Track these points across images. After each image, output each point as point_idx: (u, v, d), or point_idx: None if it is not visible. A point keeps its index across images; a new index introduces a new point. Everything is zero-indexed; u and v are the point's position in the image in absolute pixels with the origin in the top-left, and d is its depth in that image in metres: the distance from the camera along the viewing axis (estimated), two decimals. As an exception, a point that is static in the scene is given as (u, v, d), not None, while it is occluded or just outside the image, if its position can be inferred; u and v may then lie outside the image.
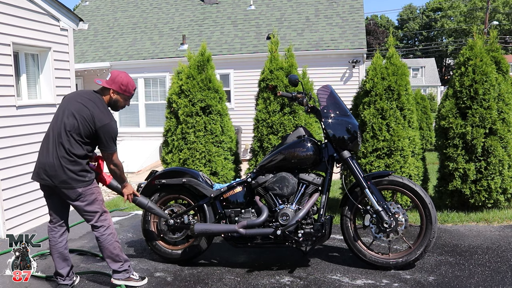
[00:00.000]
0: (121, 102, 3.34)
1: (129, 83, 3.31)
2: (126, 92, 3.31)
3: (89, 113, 3.14)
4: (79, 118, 3.14)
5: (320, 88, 3.86)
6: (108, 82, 3.27)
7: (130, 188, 3.56)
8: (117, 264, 3.39)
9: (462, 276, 3.50)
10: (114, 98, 3.29)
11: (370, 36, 35.74)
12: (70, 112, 3.17)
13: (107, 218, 3.37)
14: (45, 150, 3.20)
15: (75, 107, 3.18)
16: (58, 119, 3.21)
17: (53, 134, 3.18)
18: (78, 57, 13.24)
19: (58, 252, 3.34)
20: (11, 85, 5.01)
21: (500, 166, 4.98)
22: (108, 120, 3.17)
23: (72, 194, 3.18)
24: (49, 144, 3.18)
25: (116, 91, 3.27)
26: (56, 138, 3.15)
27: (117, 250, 3.37)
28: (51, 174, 3.14)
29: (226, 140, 5.40)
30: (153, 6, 15.65)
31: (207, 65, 5.42)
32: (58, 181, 3.14)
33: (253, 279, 3.58)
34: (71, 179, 3.14)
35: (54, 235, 3.35)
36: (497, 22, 39.04)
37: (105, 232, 3.33)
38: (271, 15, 13.86)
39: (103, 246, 3.34)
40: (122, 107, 3.38)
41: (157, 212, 3.78)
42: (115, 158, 3.31)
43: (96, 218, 3.31)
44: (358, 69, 11.76)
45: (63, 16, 5.83)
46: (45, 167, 3.16)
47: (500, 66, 5.47)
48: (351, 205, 3.72)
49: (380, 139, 5.01)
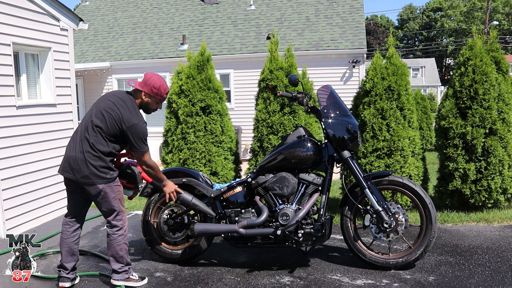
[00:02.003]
0: (153, 105, 3.36)
1: (161, 86, 3.30)
2: (157, 96, 3.31)
3: (118, 113, 3.18)
4: (107, 116, 3.18)
5: (320, 88, 3.86)
6: (141, 84, 3.29)
7: (171, 186, 3.56)
8: (119, 264, 3.40)
9: (462, 276, 3.50)
10: (145, 101, 3.31)
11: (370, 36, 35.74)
12: (100, 109, 3.22)
13: (123, 219, 3.38)
14: (72, 145, 3.25)
15: (105, 105, 3.23)
16: (87, 115, 3.27)
17: (81, 129, 3.23)
18: (78, 57, 13.24)
19: (68, 246, 3.37)
20: (11, 85, 5.01)
21: (500, 166, 4.98)
22: (137, 120, 3.19)
23: (92, 190, 3.21)
24: (76, 139, 3.23)
25: (147, 93, 3.28)
26: (83, 133, 3.19)
27: (123, 252, 3.38)
28: (75, 168, 3.18)
29: (226, 140, 5.40)
30: (153, 6, 15.65)
31: (207, 65, 5.43)
32: (80, 175, 3.17)
33: (253, 279, 3.58)
34: (93, 175, 3.16)
35: (68, 229, 3.38)
36: (497, 22, 39.02)
37: (117, 232, 3.35)
38: (271, 15, 13.87)
39: (111, 244, 3.36)
40: (154, 110, 3.39)
41: (202, 209, 3.75)
42: (148, 159, 3.31)
43: (113, 216, 3.33)
44: (358, 69, 11.77)
45: (63, 16, 5.83)
46: (69, 161, 3.20)
47: (500, 66, 5.47)
48: (351, 205, 3.71)
49: (380, 139, 5.01)
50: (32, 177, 5.23)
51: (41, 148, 5.39)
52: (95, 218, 5.51)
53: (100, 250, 4.35)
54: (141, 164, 3.34)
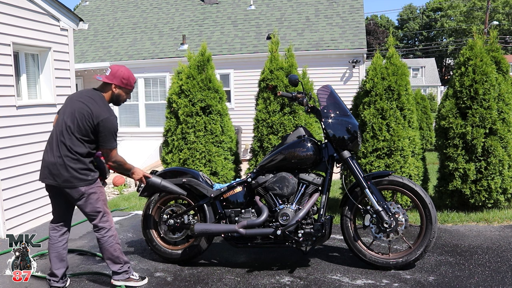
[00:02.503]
0: (123, 96, 3.38)
1: (130, 76, 3.35)
2: (128, 86, 3.35)
3: (88, 110, 3.17)
4: (79, 116, 3.16)
5: (320, 88, 3.85)
6: (109, 77, 3.29)
7: (139, 172, 3.54)
8: (117, 265, 3.39)
9: (462, 276, 3.50)
10: (116, 93, 3.32)
11: (370, 36, 35.75)
12: (71, 111, 3.21)
13: (109, 220, 3.37)
14: (49, 150, 3.23)
15: (75, 106, 3.22)
16: (60, 119, 3.25)
17: (56, 134, 3.22)
18: (78, 57, 13.24)
19: (56, 251, 3.34)
20: (11, 85, 5.01)
21: (500, 166, 4.98)
22: (108, 114, 3.18)
23: (75, 194, 3.20)
24: (52, 144, 3.21)
25: (118, 85, 3.30)
26: (59, 137, 3.18)
27: (117, 252, 3.38)
28: (54, 173, 3.16)
29: (226, 140, 5.40)
30: (153, 6, 15.65)
31: (207, 65, 5.42)
32: (61, 180, 3.16)
33: (253, 279, 3.58)
34: (74, 178, 3.15)
35: (55, 234, 3.36)
36: (497, 22, 39.02)
37: (107, 234, 3.33)
38: (271, 15, 13.87)
39: (104, 247, 3.35)
40: (124, 101, 3.42)
41: (172, 190, 3.76)
42: (116, 155, 3.28)
43: (98, 219, 3.31)
44: (358, 69, 11.77)
45: (63, 16, 5.83)
46: (49, 167, 3.19)
47: (500, 66, 5.47)
48: (351, 205, 3.71)
49: (380, 139, 5.01)
50: (32, 177, 5.23)
51: (41, 148, 5.35)
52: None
53: (100, 250, 4.34)
54: (109, 160, 3.29)
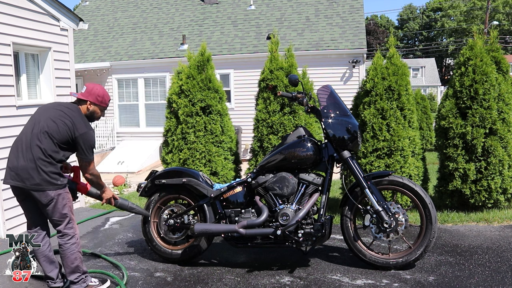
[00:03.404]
0: (98, 113, 3.43)
1: (105, 95, 3.42)
2: (102, 103, 3.41)
3: (70, 120, 3.20)
4: (60, 123, 3.18)
5: (320, 88, 3.86)
6: (84, 94, 3.35)
7: (109, 192, 3.59)
8: (75, 275, 3.31)
9: (462, 276, 3.50)
10: (91, 109, 3.38)
11: (370, 36, 35.74)
12: (50, 118, 3.21)
13: (74, 227, 3.32)
14: (16, 154, 3.17)
15: (54, 114, 3.23)
16: (35, 124, 3.21)
17: (27, 138, 3.17)
18: (78, 57, 13.24)
19: (44, 255, 3.33)
20: (11, 85, 5.01)
21: (500, 166, 4.98)
22: (87, 129, 3.24)
23: (43, 198, 3.15)
24: (22, 148, 3.16)
25: (93, 102, 3.36)
26: (33, 141, 3.13)
27: (77, 261, 3.30)
28: (24, 177, 3.12)
29: (226, 140, 5.40)
30: (153, 6, 15.65)
31: (207, 65, 5.43)
32: (30, 183, 3.12)
33: (253, 279, 3.58)
34: (44, 181, 3.12)
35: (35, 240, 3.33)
36: (497, 22, 39.01)
37: (69, 241, 3.28)
38: (271, 15, 13.86)
39: (65, 254, 3.28)
40: (98, 118, 3.47)
41: (139, 211, 3.87)
42: (92, 168, 3.33)
43: (64, 225, 3.26)
44: (358, 69, 11.76)
45: (63, 16, 5.83)
46: (17, 171, 3.14)
47: (500, 66, 5.47)
48: (351, 205, 3.71)
49: (380, 139, 5.01)
50: (32, 177, 5.23)
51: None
52: (95, 218, 5.51)
53: (100, 250, 4.35)
54: (86, 172, 3.33)
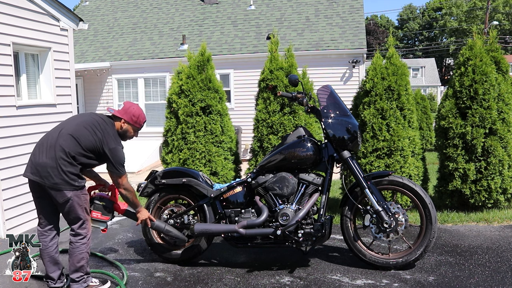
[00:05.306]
0: (131, 133, 3.42)
1: (140, 115, 3.40)
2: (136, 124, 3.40)
3: (101, 133, 3.20)
4: (90, 131, 3.19)
5: (320, 88, 3.86)
6: (120, 112, 3.35)
7: (145, 213, 3.57)
8: (78, 273, 3.32)
9: (462, 276, 3.50)
10: (124, 128, 3.37)
11: (370, 36, 35.73)
12: (82, 123, 3.22)
13: (87, 227, 3.33)
14: (40, 152, 3.18)
15: (88, 121, 3.24)
16: (65, 125, 3.24)
17: (53, 136, 3.19)
18: (78, 57, 13.24)
19: (49, 256, 3.33)
20: (11, 85, 5.01)
21: (500, 166, 4.98)
22: (117, 145, 3.25)
23: (60, 198, 3.16)
24: (45, 146, 3.17)
25: (127, 121, 3.35)
26: (58, 141, 3.14)
27: (84, 261, 3.31)
28: (43, 175, 3.13)
29: (226, 140, 5.40)
30: (153, 6, 15.64)
31: (207, 65, 5.43)
32: (49, 181, 3.12)
33: (253, 279, 3.58)
34: (62, 180, 3.12)
35: (45, 239, 3.34)
36: (497, 22, 39.02)
37: (81, 241, 3.29)
38: (271, 15, 13.86)
39: (73, 252, 3.29)
40: (130, 137, 3.45)
41: (175, 235, 3.78)
42: (125, 182, 3.33)
43: (78, 225, 3.27)
44: (358, 69, 11.76)
45: (63, 16, 5.83)
46: (38, 167, 3.15)
47: (500, 66, 5.47)
48: (351, 205, 3.72)
49: (380, 139, 5.01)
50: (32, 177, 5.23)
51: (41, 148, 5.38)
52: (95, 218, 5.49)
53: (100, 250, 4.35)
54: (119, 187, 3.34)
